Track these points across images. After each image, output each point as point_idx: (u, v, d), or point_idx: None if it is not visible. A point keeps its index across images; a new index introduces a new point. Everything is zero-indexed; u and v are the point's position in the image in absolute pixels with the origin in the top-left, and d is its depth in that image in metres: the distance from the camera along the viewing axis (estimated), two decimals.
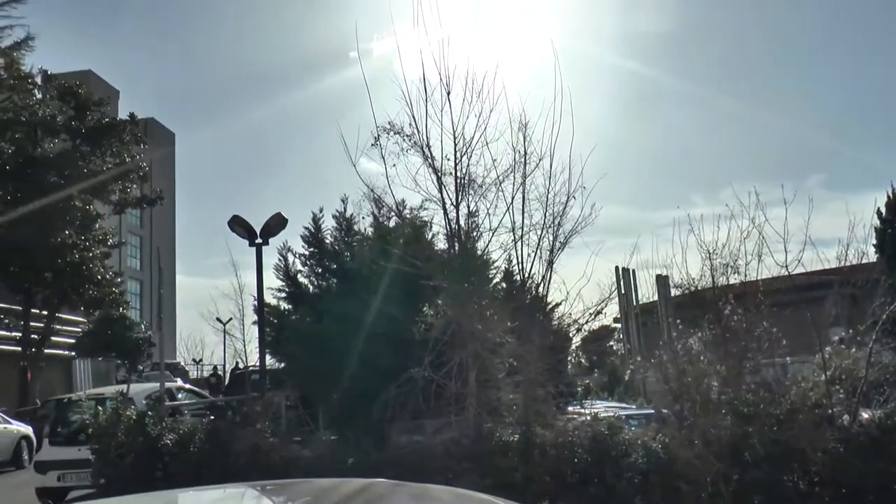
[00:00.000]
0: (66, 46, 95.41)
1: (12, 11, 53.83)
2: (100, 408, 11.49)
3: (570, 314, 11.14)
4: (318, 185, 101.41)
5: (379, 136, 10.56)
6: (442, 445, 9.33)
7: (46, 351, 28.69)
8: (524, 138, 10.58)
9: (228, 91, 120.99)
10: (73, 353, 31.60)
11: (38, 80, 31.15)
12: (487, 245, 11.03)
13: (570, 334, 12.19)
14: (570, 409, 12.11)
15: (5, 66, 41.28)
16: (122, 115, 35.39)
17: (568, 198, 10.62)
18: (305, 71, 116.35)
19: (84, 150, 29.33)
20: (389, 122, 10.58)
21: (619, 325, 26.06)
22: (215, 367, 35.94)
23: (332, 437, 11.37)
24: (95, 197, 29.85)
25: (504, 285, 13.05)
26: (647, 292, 25.50)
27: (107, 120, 30.32)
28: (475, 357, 10.07)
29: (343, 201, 13.66)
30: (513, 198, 10.64)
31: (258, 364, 12.51)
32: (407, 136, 10.66)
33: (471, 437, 9.44)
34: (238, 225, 11.90)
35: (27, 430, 19.43)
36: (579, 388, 14.40)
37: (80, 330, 32.35)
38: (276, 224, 12.07)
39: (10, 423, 19.25)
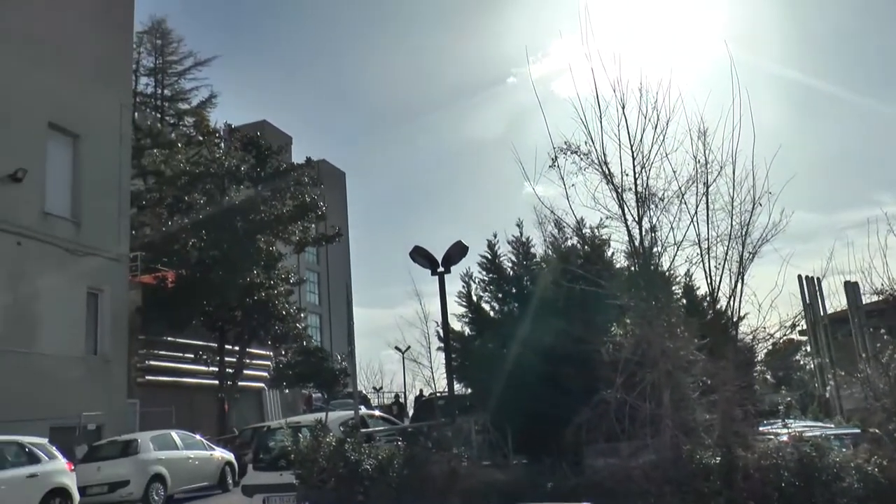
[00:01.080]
0: (243, 100, 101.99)
1: (197, 74, 58.24)
2: (299, 435, 11.89)
3: (764, 328, 10.53)
4: (484, 211, 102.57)
5: (556, 156, 10.48)
6: (640, 469, 8.99)
7: (240, 383, 30.34)
8: (704, 146, 10.20)
9: (388, 125, 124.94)
10: (264, 385, 33.24)
11: (223, 133, 33.39)
12: (673, 260, 10.65)
13: (756, 349, 11.54)
14: (764, 428, 11.41)
15: (195, 123, 44.67)
16: (296, 159, 37.26)
17: (754, 205, 10.12)
18: (463, 100, 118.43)
19: (265, 195, 31.04)
20: (566, 142, 10.48)
21: (804, 338, 24.51)
22: (396, 395, 36.71)
23: (524, 462, 11.23)
24: (277, 238, 31.49)
25: (684, 301, 12.55)
26: (833, 301, 23.92)
27: (284, 166, 32.01)
28: (667, 376, 9.69)
29: (518, 225, 13.60)
30: (696, 208, 10.25)
31: (446, 390, 12.57)
32: (584, 154, 10.51)
33: (669, 459, 9.04)
34: (420, 255, 12.07)
35: (230, 456, 20.58)
36: (780, 406, 13.54)
37: (268, 363, 34.04)
38: (457, 252, 12.14)
39: (214, 449, 20.42)
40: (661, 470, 8.79)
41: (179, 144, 38.40)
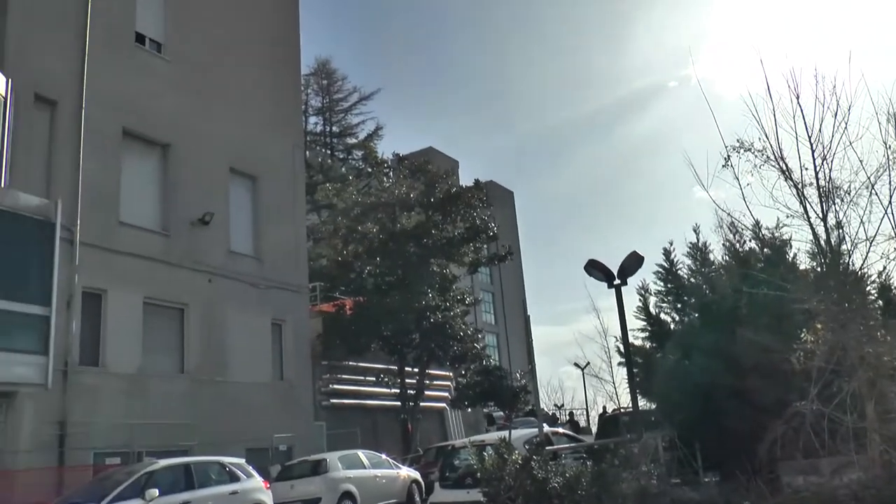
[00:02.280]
0: (408, 129, 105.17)
1: (362, 108, 60.78)
2: (483, 453, 12.08)
3: None
4: (655, 219, 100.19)
5: (729, 156, 10.15)
6: (847, 488, 8.42)
7: (422, 404, 31.11)
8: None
9: (551, 141, 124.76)
10: (445, 405, 33.89)
11: (391, 163, 34.59)
12: (865, 257, 9.98)
13: None
14: None
15: (363, 156, 46.61)
16: (464, 182, 37.96)
17: None
18: (624, 108, 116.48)
19: (436, 220, 31.78)
20: (738, 140, 10.14)
21: None
22: (571, 413, 36.48)
23: (715, 479, 10.86)
24: (450, 261, 32.14)
25: (881, 302, 11.74)
26: None
27: (454, 189, 32.68)
28: (870, 386, 9.07)
29: (695, 231, 13.28)
30: (890, 199, 9.59)
31: (629, 405, 12.38)
32: (758, 151, 10.12)
33: (881, 478, 8.43)
34: (595, 268, 12.00)
35: (416, 474, 21.17)
36: None
37: (448, 383, 34.71)
38: (633, 263, 11.97)
39: (400, 468, 21.08)
40: (874, 490, 8.20)
41: (350, 177, 40.14)
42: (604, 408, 29.18)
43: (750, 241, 11.90)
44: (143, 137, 21.94)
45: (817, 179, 9.73)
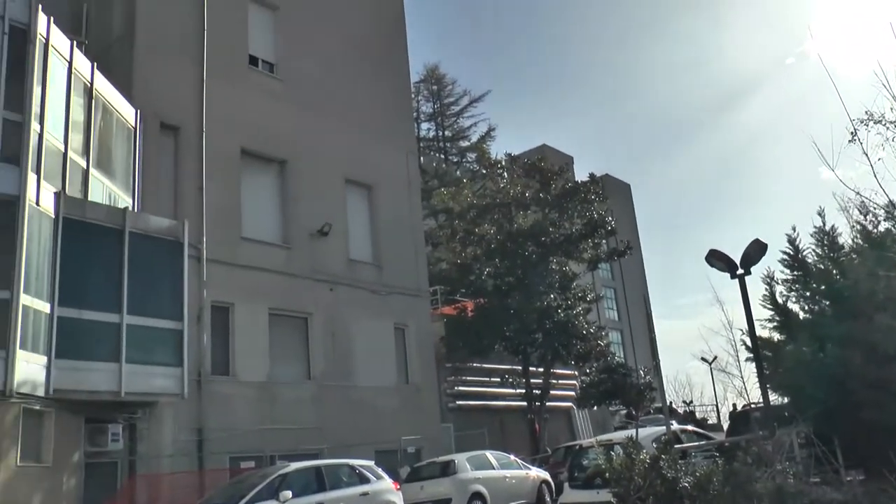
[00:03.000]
0: (520, 128, 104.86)
1: (473, 111, 61.00)
2: (611, 453, 11.83)
3: None
4: (776, 204, 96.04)
5: (855, 130, 9.55)
6: None
7: (548, 403, 30.83)
8: None
9: (665, 129, 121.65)
10: (572, 404, 33.49)
11: (504, 163, 34.48)
12: None
13: None
14: None
15: (477, 158, 46.72)
16: (579, 177, 37.45)
17: None
18: (739, 90, 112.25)
19: (553, 217, 31.47)
20: (867, 112, 9.53)
21: None
22: (692, 411, 35.38)
23: (859, 478, 10.24)
24: (569, 258, 31.72)
25: None
26: None
27: (569, 185, 32.27)
28: None
29: (820, 214, 12.57)
30: None
31: (760, 400, 11.84)
32: (890, 122, 9.48)
33: None
34: (716, 258, 11.55)
35: (545, 474, 20.98)
36: None
37: (573, 383, 34.30)
38: (756, 251, 11.44)
39: (529, 468, 20.94)
40: None
41: (465, 180, 40.25)
42: (734, 404, 28.21)
43: (884, 221, 11.13)
44: (260, 155, 22.74)
45: None
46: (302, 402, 21.34)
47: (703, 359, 29.47)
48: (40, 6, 15.08)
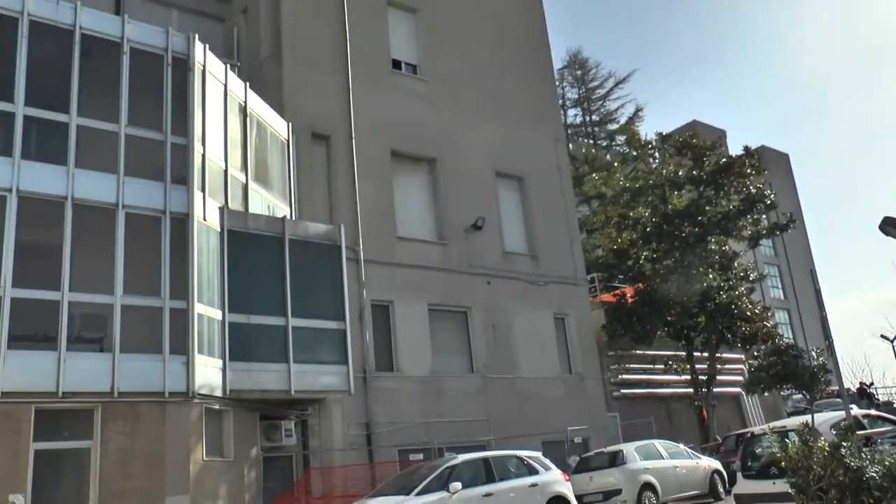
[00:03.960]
0: (669, 105, 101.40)
1: (619, 92, 59.49)
2: (785, 440, 11.01)
3: None
4: None
5: None
6: None
7: (715, 389, 29.43)
8: None
9: (820, 94, 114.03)
10: (740, 390, 31.83)
11: (655, 143, 33.21)
12: None
13: None
14: None
15: (626, 140, 45.43)
16: (733, 152, 35.54)
17: None
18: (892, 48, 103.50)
19: (708, 195, 30.04)
20: None
21: None
22: (861, 385, 32.67)
23: None
24: (728, 236, 30.14)
25: None
26: None
27: (723, 160, 30.66)
28: None
29: None
30: None
31: None
32: None
33: None
34: (891, 226, 10.46)
35: (716, 464, 19.97)
36: None
37: (741, 367, 32.59)
38: None
39: (699, 458, 20.01)
40: None
41: (615, 164, 39.17)
42: None
43: None
44: (410, 156, 23.01)
45: None
46: (466, 394, 21.43)
47: (882, 336, 27.02)
48: (196, 36, 16.04)
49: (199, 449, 14.25)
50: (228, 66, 17.51)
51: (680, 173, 30.60)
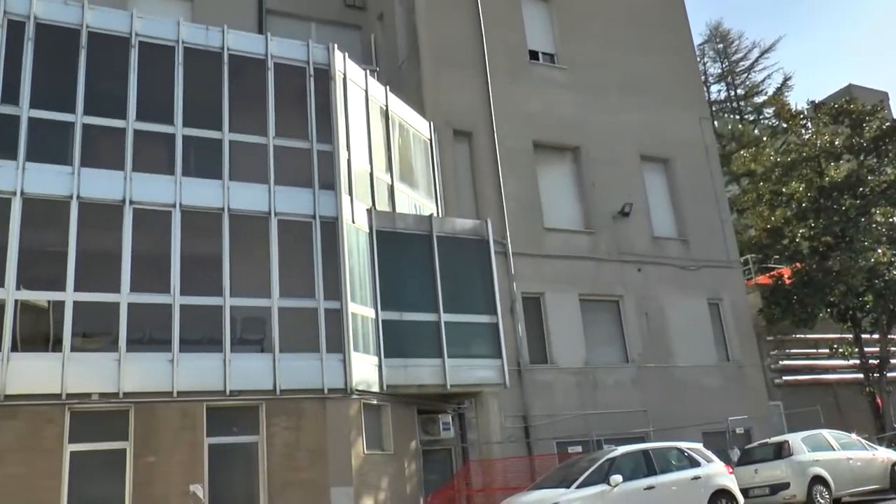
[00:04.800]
0: (820, 71, 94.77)
1: (765, 62, 55.97)
2: None
3: None
4: None
5: None
6: None
7: (889, 374, 26.97)
8: None
9: None
10: None
11: (806, 113, 30.90)
12: None
13: None
14: None
15: (775, 112, 42.61)
16: None
17: None
18: None
19: (870, 163, 27.62)
20: None
21: None
22: None
23: None
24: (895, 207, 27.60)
25: None
26: None
27: (886, 125, 28.04)
28: None
29: None
30: None
31: None
32: None
33: None
34: None
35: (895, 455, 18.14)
36: None
37: None
38: None
39: (876, 449, 18.25)
40: None
41: (765, 138, 36.78)
42: None
43: None
44: (553, 145, 22.43)
45: None
46: (622, 385, 20.68)
47: None
48: (336, 46, 16.41)
49: (360, 442, 14.46)
50: (368, 71, 17.72)
51: (836, 143, 28.19)
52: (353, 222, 15.43)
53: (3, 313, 12.47)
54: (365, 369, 14.84)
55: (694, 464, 14.45)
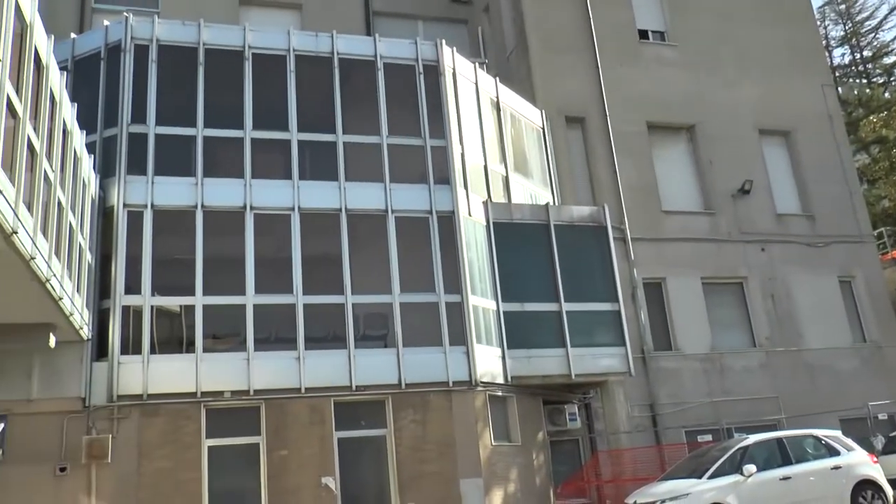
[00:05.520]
0: None
1: (894, 19, 51.57)
2: None
3: None
4: None
5: None
6: None
7: None
8: None
9: None
10: None
11: None
12: None
13: None
14: None
15: None
16: None
17: None
18: None
19: None
20: None
21: None
22: None
23: None
24: None
25: None
26: None
27: None
28: None
29: None
30: None
31: None
32: None
33: None
34: None
35: None
36: None
37: None
38: None
39: None
40: None
41: None
42: None
43: None
44: (668, 125, 21.42)
45: None
46: (750, 370, 19.51)
47: None
48: (443, 41, 16.30)
49: (487, 434, 14.26)
50: (477, 64, 17.47)
51: None
52: (470, 215, 15.24)
53: (142, 319, 12.99)
54: (489, 361, 14.63)
55: (833, 452, 13.42)
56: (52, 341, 10.91)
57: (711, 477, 12.35)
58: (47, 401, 12.31)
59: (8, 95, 6.97)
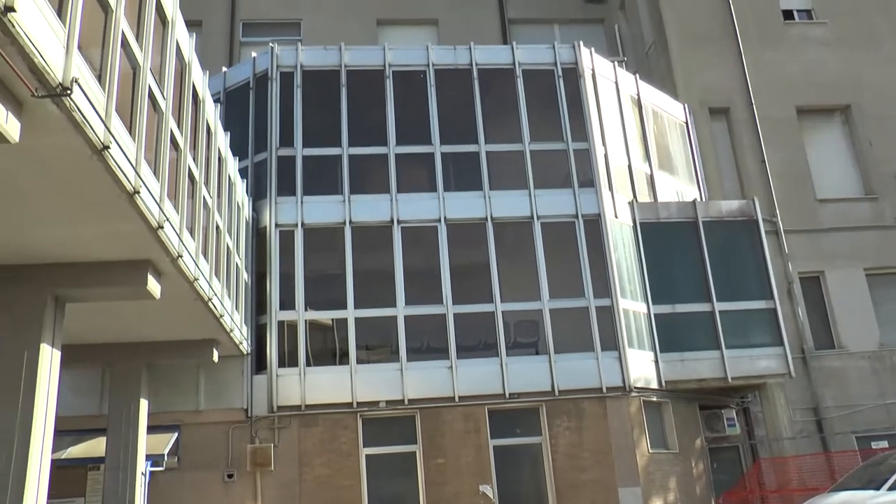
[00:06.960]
0: None
1: None
2: None
3: None
4: None
5: None
6: None
7: None
8: None
9: None
10: None
11: None
12: None
13: None
14: None
15: None
16: None
17: None
18: None
19: None
20: None
21: None
22: None
23: None
24: None
25: None
26: None
27: None
28: None
29: None
30: None
31: None
32: None
33: None
34: None
35: None
36: None
37: None
38: None
39: None
40: None
41: None
42: None
43: None
44: (819, 108, 19.62)
45: None
46: None
47: None
48: (581, 43, 15.78)
49: (644, 441, 13.59)
50: (616, 63, 16.77)
51: None
52: (616, 217, 14.64)
53: (297, 333, 13.21)
54: (641, 366, 13.95)
55: None
56: (216, 356, 11.30)
57: (892, 488, 10.97)
58: (213, 412, 12.76)
59: (172, 130, 7.07)
